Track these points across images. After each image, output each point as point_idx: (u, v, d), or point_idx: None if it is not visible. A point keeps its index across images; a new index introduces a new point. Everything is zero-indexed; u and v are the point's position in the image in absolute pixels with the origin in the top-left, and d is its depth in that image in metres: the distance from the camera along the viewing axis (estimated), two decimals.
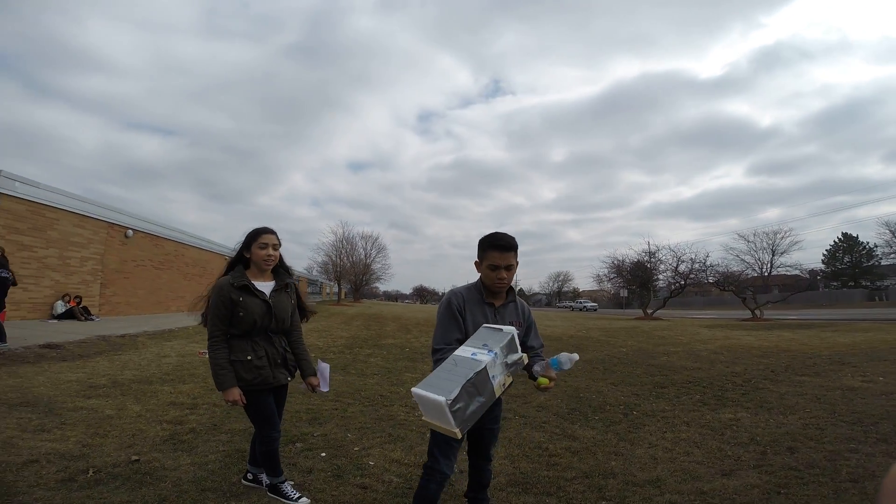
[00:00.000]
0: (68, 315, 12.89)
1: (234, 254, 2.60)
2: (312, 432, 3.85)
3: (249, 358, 2.38)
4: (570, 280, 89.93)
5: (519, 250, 2.14)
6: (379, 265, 48.41)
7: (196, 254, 22.88)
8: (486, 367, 1.64)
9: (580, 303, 61.08)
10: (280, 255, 2.61)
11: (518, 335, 1.91)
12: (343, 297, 48.56)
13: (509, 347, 1.77)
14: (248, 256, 2.53)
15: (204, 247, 23.75)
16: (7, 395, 4.61)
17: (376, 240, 47.97)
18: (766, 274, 25.18)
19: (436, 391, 1.56)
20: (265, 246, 2.50)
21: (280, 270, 2.65)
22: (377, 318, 20.87)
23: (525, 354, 1.87)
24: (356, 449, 3.48)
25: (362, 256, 46.55)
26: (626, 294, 37.09)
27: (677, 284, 27.71)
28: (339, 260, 44.64)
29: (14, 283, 7.35)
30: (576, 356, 1.93)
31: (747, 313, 23.28)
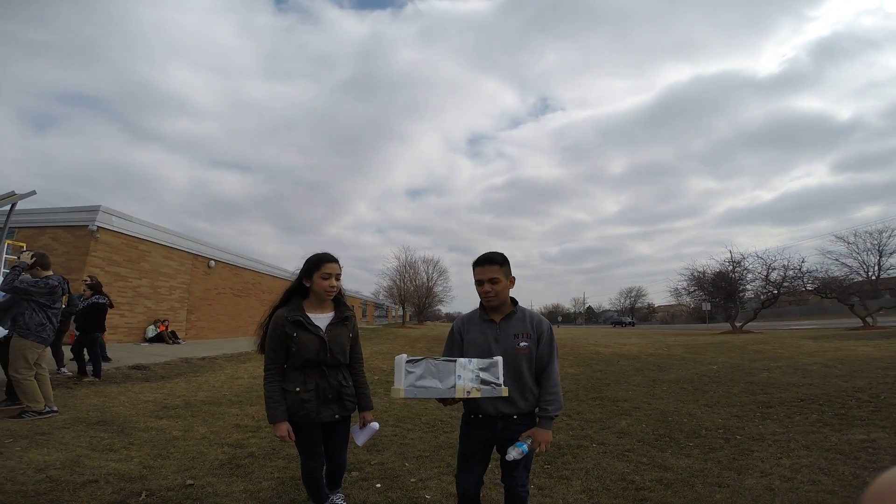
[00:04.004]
0: (158, 339, 13.93)
1: (294, 280, 2.46)
2: (370, 460, 3.61)
3: (298, 390, 2.29)
4: (643, 295, 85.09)
5: (584, 267, 1.93)
6: (440, 288, 48.61)
7: (271, 282, 24.13)
8: (455, 363, 1.95)
9: None
10: (340, 284, 2.46)
11: (528, 346, 2.10)
12: (408, 319, 49.12)
13: (490, 370, 1.98)
14: (307, 286, 2.39)
15: (277, 275, 25.01)
16: (89, 413, 4.84)
17: (437, 263, 48.34)
18: (873, 277, 22.10)
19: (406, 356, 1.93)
20: (328, 276, 2.36)
21: (340, 300, 2.50)
22: (440, 339, 20.65)
23: (506, 388, 1.98)
24: (413, 480, 3.17)
25: (424, 280, 47.05)
26: (708, 307, 34.06)
27: (769, 294, 24.94)
28: (402, 284, 45.43)
29: (111, 306, 7.93)
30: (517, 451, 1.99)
31: (855, 322, 20.55)
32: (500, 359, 2.00)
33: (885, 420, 4.40)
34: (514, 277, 2.20)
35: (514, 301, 2.22)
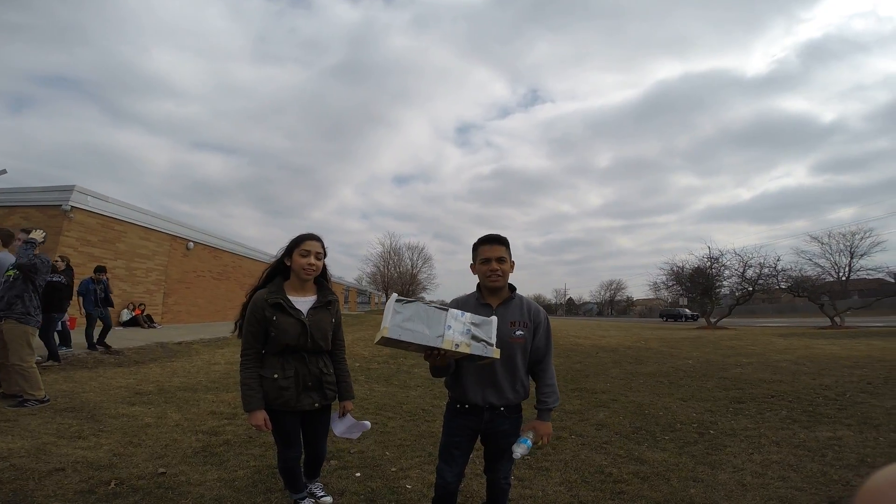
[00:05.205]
0: (133, 322, 13.59)
1: (275, 261, 2.37)
2: (349, 448, 3.57)
3: (276, 376, 2.19)
4: (622, 288, 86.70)
5: (567, 259, 1.87)
6: (425, 275, 48.70)
7: (251, 265, 23.72)
8: (447, 312, 1.81)
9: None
10: (324, 265, 2.37)
11: (524, 335, 2.03)
12: None
13: (483, 327, 1.83)
14: (288, 265, 2.31)
15: (258, 258, 24.61)
16: (57, 400, 4.69)
17: (422, 250, 48.36)
18: (843, 278, 22.87)
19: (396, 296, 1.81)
20: (307, 253, 2.27)
21: (324, 284, 2.41)
22: None
23: (498, 350, 1.83)
24: (393, 469, 3.16)
25: (409, 267, 47.05)
26: (685, 302, 34.86)
27: (744, 291, 25.63)
28: (386, 270, 45.40)
29: (68, 285, 7.32)
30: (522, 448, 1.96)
31: (824, 321, 21.27)
32: (494, 318, 1.90)
33: (850, 418, 4.55)
34: (513, 262, 2.15)
35: (512, 287, 2.15)
